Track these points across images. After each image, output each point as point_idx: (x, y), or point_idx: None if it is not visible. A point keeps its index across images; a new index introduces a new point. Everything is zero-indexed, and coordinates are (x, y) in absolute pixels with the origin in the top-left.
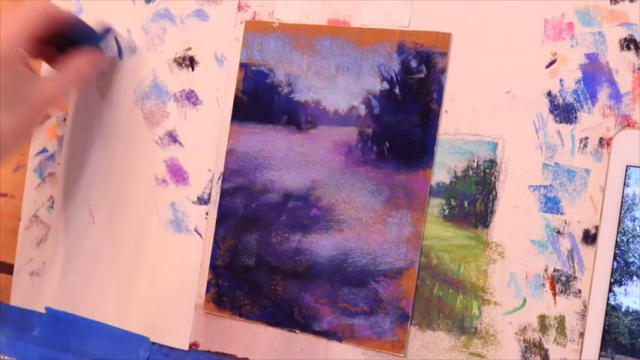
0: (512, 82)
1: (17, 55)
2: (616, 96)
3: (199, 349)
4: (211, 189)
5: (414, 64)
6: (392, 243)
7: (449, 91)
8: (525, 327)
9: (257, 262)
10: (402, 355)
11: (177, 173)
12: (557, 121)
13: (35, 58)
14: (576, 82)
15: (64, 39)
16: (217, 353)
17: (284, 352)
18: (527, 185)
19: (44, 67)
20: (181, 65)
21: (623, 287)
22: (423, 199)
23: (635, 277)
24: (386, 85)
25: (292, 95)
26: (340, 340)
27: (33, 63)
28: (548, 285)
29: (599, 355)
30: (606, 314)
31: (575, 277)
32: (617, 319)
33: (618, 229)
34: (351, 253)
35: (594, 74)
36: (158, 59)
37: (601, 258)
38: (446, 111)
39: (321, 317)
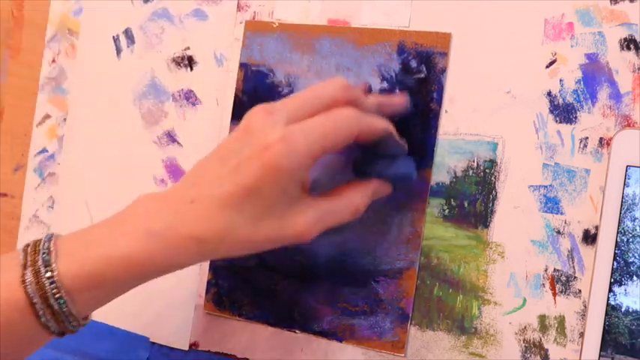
0: (512, 82)
1: (292, 171)
2: (616, 96)
3: (199, 349)
4: None
5: (414, 64)
6: (392, 243)
7: (449, 91)
8: (525, 327)
9: (257, 262)
10: (402, 355)
11: (176, 173)
12: (557, 121)
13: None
14: (576, 82)
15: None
16: (217, 353)
17: (284, 352)
18: (527, 185)
19: None
20: (180, 65)
21: (623, 287)
22: (423, 199)
23: (635, 277)
24: (386, 85)
25: None
26: (340, 340)
27: (307, 184)
28: (548, 285)
29: (599, 355)
30: (606, 314)
31: (575, 277)
32: (617, 319)
33: (618, 229)
34: (351, 253)
35: (594, 74)
36: (156, 59)
37: (601, 258)
38: (446, 111)
39: (321, 317)
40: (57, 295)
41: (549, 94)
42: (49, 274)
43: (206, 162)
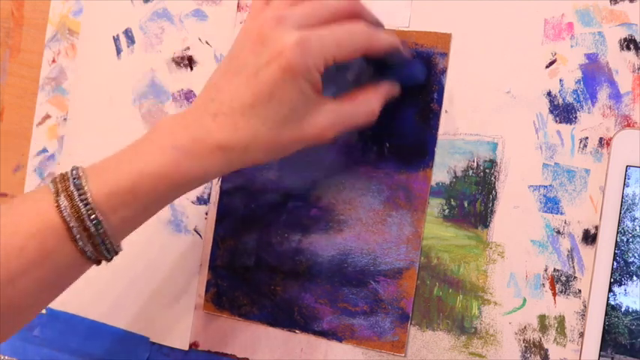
0: (512, 82)
1: (307, 73)
2: (616, 96)
3: (199, 349)
4: (211, 189)
5: None
6: (392, 243)
7: (449, 91)
8: (525, 327)
9: (257, 262)
10: (402, 355)
11: None
12: (557, 121)
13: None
14: (576, 82)
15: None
16: (217, 353)
17: (284, 352)
18: (527, 185)
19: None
20: (180, 65)
21: (623, 287)
22: (423, 199)
23: (635, 277)
24: None
25: None
26: (340, 340)
27: (321, 87)
28: (548, 285)
29: (599, 355)
30: (606, 314)
31: (575, 277)
32: (617, 319)
33: (618, 229)
34: (351, 253)
35: (594, 74)
36: (156, 59)
37: (601, 258)
38: (446, 111)
39: (320, 317)
40: (92, 217)
41: (549, 94)
42: (82, 196)
43: (222, 75)
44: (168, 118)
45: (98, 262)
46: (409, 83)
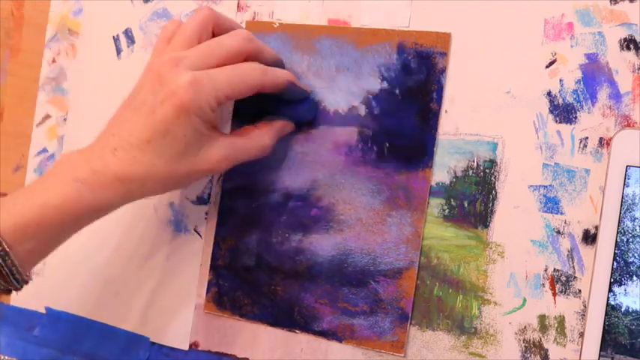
0: (512, 82)
1: (200, 111)
2: (616, 96)
3: (199, 349)
4: (211, 189)
5: (414, 64)
6: (392, 243)
7: (449, 91)
8: (525, 327)
9: (257, 262)
10: (402, 355)
11: None
12: (557, 121)
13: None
14: (576, 82)
15: (265, 98)
16: (217, 353)
17: (284, 352)
18: (527, 185)
19: None
20: None
21: (623, 287)
22: (423, 199)
23: (635, 277)
24: (386, 85)
25: None
26: (340, 340)
27: (216, 123)
28: (548, 285)
29: (599, 355)
30: (606, 314)
31: (575, 277)
32: (617, 319)
33: (618, 229)
34: (351, 253)
35: (594, 74)
36: None
37: (601, 258)
38: (446, 111)
39: (320, 317)
40: None
41: (549, 94)
42: None
43: (123, 112)
44: (71, 153)
45: (8, 292)
46: (301, 120)
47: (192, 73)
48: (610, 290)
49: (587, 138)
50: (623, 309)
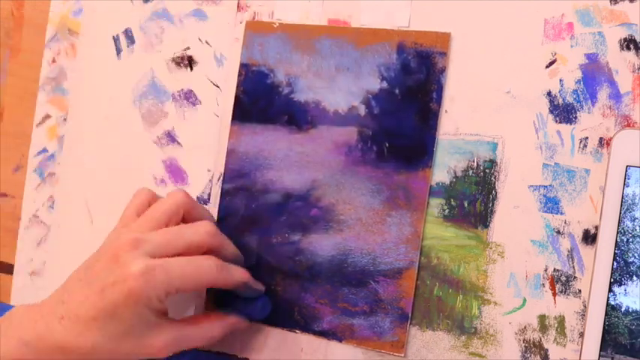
0: (512, 82)
1: (148, 301)
2: (616, 96)
3: (199, 349)
4: (211, 189)
5: (413, 64)
6: (392, 243)
7: (449, 91)
8: (525, 327)
9: (257, 262)
10: (402, 355)
11: (176, 173)
12: (557, 121)
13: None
14: (576, 82)
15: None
16: (217, 353)
17: (284, 352)
18: (527, 185)
19: None
20: (180, 65)
21: (623, 287)
22: (423, 199)
23: (635, 277)
24: (386, 85)
25: (292, 95)
26: (340, 340)
27: (166, 310)
28: (548, 285)
29: (599, 355)
30: (606, 314)
31: (575, 277)
32: (617, 319)
33: (618, 229)
34: (350, 253)
35: (594, 74)
36: (156, 59)
37: (601, 258)
38: (446, 111)
39: (321, 317)
40: None
41: (549, 94)
42: None
43: (76, 281)
44: (22, 309)
45: None
46: (253, 318)
47: (146, 263)
48: (610, 290)
49: (587, 138)
50: (623, 309)
